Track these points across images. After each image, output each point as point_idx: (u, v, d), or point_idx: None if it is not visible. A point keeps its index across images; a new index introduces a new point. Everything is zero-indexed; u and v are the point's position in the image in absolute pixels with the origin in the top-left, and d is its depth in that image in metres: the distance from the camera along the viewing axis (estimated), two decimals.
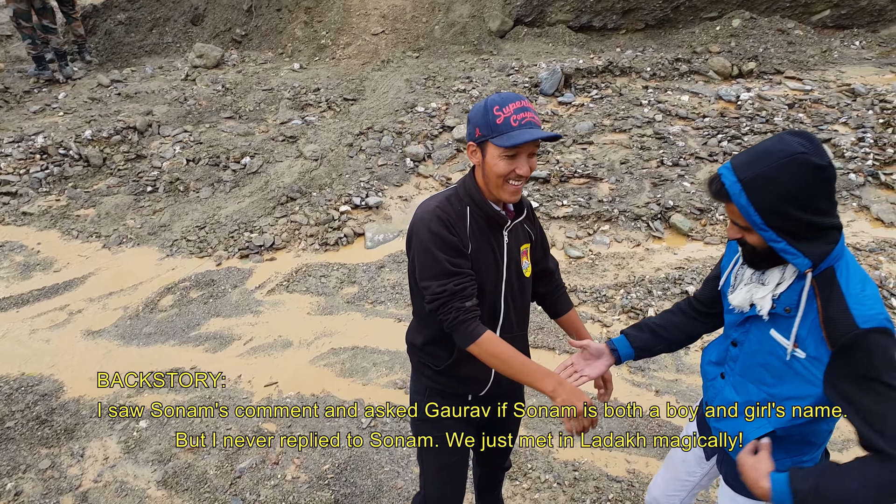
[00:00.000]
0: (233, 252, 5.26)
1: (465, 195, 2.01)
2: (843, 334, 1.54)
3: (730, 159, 1.66)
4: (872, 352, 1.53)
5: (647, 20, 9.44)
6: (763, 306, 1.73)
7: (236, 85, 8.16)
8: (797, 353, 1.67)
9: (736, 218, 1.65)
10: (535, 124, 1.87)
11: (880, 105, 7.06)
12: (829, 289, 1.61)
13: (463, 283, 1.92)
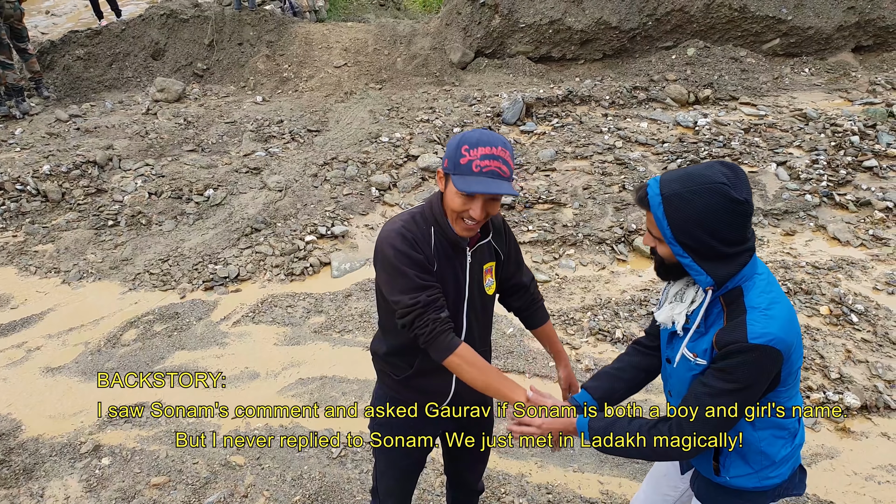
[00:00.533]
0: (197, 284, 5.18)
1: (430, 216, 2.02)
2: (731, 343, 1.65)
3: (662, 173, 1.76)
4: (747, 363, 1.65)
5: (605, 50, 9.70)
6: (678, 321, 1.83)
7: (198, 118, 8.12)
8: (698, 362, 1.78)
9: (651, 227, 1.75)
10: (500, 175, 1.83)
11: (831, 129, 7.33)
12: (735, 305, 1.71)
13: (434, 295, 1.93)
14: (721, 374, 1.68)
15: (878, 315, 4.55)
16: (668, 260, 1.78)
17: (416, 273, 1.91)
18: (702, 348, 1.76)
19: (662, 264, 1.83)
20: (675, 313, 1.84)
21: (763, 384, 1.69)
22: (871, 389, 3.92)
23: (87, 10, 11.77)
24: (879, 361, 4.14)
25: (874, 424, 3.71)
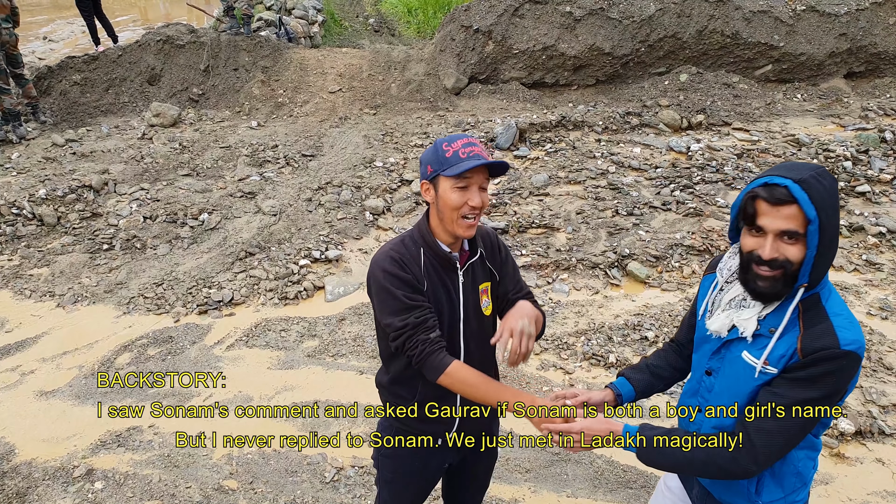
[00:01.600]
0: (191, 308, 5.17)
1: (418, 237, 2.05)
2: (822, 349, 1.60)
3: (762, 175, 1.67)
4: (839, 374, 1.61)
5: (598, 76, 9.81)
6: (748, 327, 1.74)
7: (193, 143, 8.16)
8: (767, 369, 1.69)
9: (790, 222, 1.62)
10: (483, 157, 1.92)
11: (824, 154, 7.40)
12: (815, 312, 1.67)
13: (424, 315, 1.94)
14: (804, 382, 1.62)
15: (871, 340, 4.57)
16: (795, 265, 1.64)
17: (404, 294, 1.94)
18: (777, 355, 1.68)
19: (786, 275, 1.65)
20: (742, 319, 1.75)
21: (845, 393, 1.65)
22: (865, 415, 3.91)
23: (85, 35, 11.87)
24: (874, 387, 4.14)
25: (869, 450, 3.71)
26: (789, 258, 1.64)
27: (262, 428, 3.92)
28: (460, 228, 1.96)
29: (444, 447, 2.23)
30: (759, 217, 1.65)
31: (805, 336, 1.64)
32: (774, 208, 1.62)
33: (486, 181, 1.97)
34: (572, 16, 9.43)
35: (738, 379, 1.78)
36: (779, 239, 1.63)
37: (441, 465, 2.31)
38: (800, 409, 1.63)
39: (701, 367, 1.94)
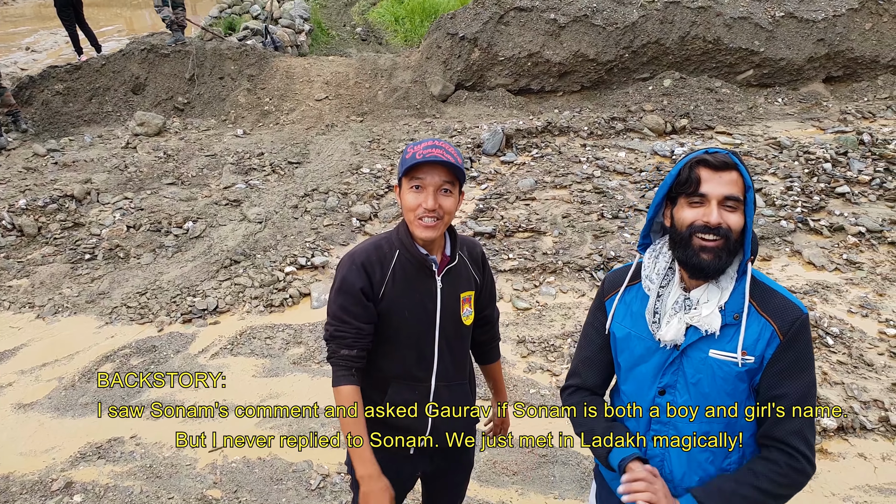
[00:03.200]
0: (175, 317, 5.12)
1: (396, 238, 2.04)
2: (795, 320, 1.63)
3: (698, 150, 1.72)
4: (809, 335, 1.65)
5: (583, 82, 9.86)
6: (713, 322, 1.67)
7: (178, 151, 8.12)
8: (747, 360, 1.66)
9: (733, 187, 1.64)
10: (440, 157, 1.87)
11: (805, 156, 7.47)
12: (760, 289, 1.68)
13: (343, 331, 1.97)
14: (798, 365, 1.64)
15: (852, 337, 4.60)
16: (736, 235, 1.64)
17: (341, 303, 1.98)
18: (750, 341, 1.65)
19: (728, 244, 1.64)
20: (703, 316, 1.67)
21: None
22: (848, 411, 3.94)
23: (68, 45, 11.81)
24: (855, 383, 4.17)
25: (851, 445, 3.73)
26: (731, 226, 1.63)
27: (248, 437, 3.88)
28: (417, 229, 1.94)
29: (416, 454, 2.20)
30: (702, 184, 1.64)
31: (771, 315, 1.65)
32: (717, 174, 1.63)
33: (446, 184, 1.91)
34: (557, 23, 9.48)
35: (713, 381, 1.69)
36: (721, 206, 1.63)
37: (414, 472, 2.27)
38: (809, 390, 1.66)
39: (647, 391, 1.79)
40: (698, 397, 1.72)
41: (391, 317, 2.02)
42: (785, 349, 1.64)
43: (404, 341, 2.05)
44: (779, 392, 1.65)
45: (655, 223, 1.84)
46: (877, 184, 6.79)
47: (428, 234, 1.94)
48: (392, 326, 2.03)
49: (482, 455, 3.61)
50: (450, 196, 1.94)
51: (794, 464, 1.64)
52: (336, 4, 15.56)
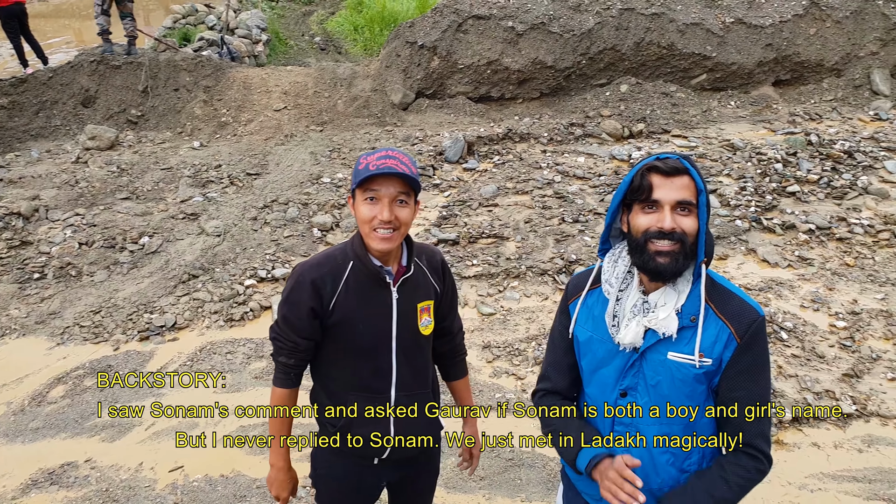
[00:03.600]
0: (132, 335, 4.99)
1: (350, 249, 2.00)
2: (751, 322, 1.65)
3: (650, 156, 1.72)
4: (765, 337, 1.69)
5: (542, 89, 9.95)
6: (670, 325, 1.69)
7: (132, 165, 7.95)
8: (704, 362, 1.68)
9: (685, 192, 1.65)
10: (395, 168, 1.84)
11: (757, 157, 7.66)
12: (717, 290, 1.71)
13: (282, 341, 2.03)
14: (760, 359, 1.68)
15: (805, 331, 4.72)
16: (691, 238, 1.66)
17: (283, 313, 2.01)
18: (707, 343, 1.67)
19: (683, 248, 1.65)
20: (660, 319, 1.69)
21: None
22: (801, 402, 4.04)
23: (13, 58, 11.49)
24: (808, 375, 4.29)
25: (805, 435, 3.84)
26: (685, 230, 1.65)
27: (208, 454, 3.79)
28: (373, 241, 1.91)
29: (380, 464, 2.17)
30: (654, 190, 1.66)
31: (730, 318, 1.68)
32: (669, 179, 1.65)
33: (401, 195, 1.88)
34: (515, 31, 9.56)
35: (671, 383, 1.72)
36: (674, 211, 1.65)
37: (378, 482, 2.24)
38: (766, 390, 1.70)
39: (610, 394, 1.82)
40: (658, 399, 1.74)
41: (344, 329, 1.99)
42: (742, 351, 1.67)
43: (360, 353, 2.02)
44: (738, 394, 1.69)
45: (614, 228, 1.86)
46: (824, 182, 6.99)
47: (384, 246, 1.91)
48: (346, 338, 2.00)
49: (449, 461, 3.58)
50: (406, 207, 1.91)
51: (759, 465, 1.71)
52: (294, 14, 15.49)
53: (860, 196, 6.78)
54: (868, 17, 9.82)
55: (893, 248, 5.86)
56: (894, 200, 6.70)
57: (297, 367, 2.07)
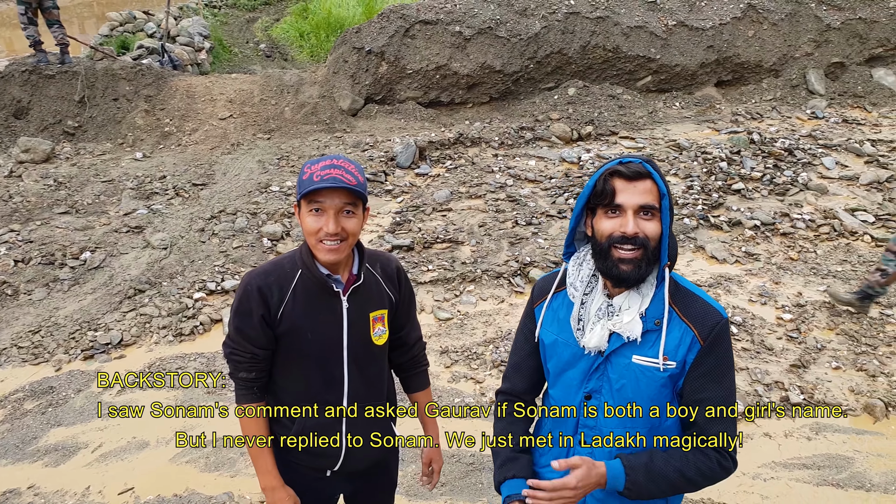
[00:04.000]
0: (75, 354, 4.79)
1: (298, 258, 1.95)
2: (715, 325, 1.66)
3: (614, 160, 1.70)
4: (730, 340, 1.70)
5: (491, 93, 10.00)
6: (634, 329, 1.68)
7: (71, 178, 7.66)
8: (669, 365, 1.68)
9: (647, 196, 1.64)
10: (341, 180, 1.78)
11: (703, 156, 7.85)
12: (680, 294, 1.71)
13: (239, 355, 1.95)
14: (723, 360, 1.68)
15: (754, 325, 4.84)
16: (653, 243, 1.65)
17: (235, 325, 1.94)
18: (671, 346, 1.67)
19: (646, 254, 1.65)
20: (624, 323, 1.69)
21: None
22: (752, 394, 4.13)
23: None
24: (758, 367, 4.39)
25: (757, 426, 3.93)
26: (648, 235, 1.64)
27: (160, 473, 3.65)
28: (320, 253, 1.86)
29: (334, 475, 2.11)
30: (617, 195, 1.65)
31: (693, 321, 1.68)
32: (632, 183, 1.64)
33: (348, 205, 1.83)
34: (462, 35, 9.58)
35: (636, 386, 1.72)
36: (637, 215, 1.64)
37: (333, 493, 2.19)
38: (731, 391, 1.71)
39: (574, 396, 1.82)
40: (623, 401, 1.74)
41: (293, 338, 1.93)
42: (706, 354, 1.67)
43: (310, 363, 1.97)
44: (702, 396, 1.69)
45: (578, 232, 1.85)
46: (767, 179, 7.20)
47: (331, 258, 1.86)
48: (295, 348, 1.95)
49: (409, 469, 3.53)
50: (353, 217, 1.86)
51: (724, 462, 1.71)
52: (237, 21, 15.24)
53: (801, 192, 7.01)
54: (802, 19, 10.19)
55: (834, 242, 6.07)
56: (833, 196, 6.95)
57: (258, 379, 1.99)
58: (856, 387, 4.22)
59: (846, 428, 3.91)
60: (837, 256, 5.81)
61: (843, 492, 3.46)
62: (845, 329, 4.78)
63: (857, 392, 4.18)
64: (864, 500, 3.42)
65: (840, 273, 5.53)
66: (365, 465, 2.14)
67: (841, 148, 8.09)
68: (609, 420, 1.77)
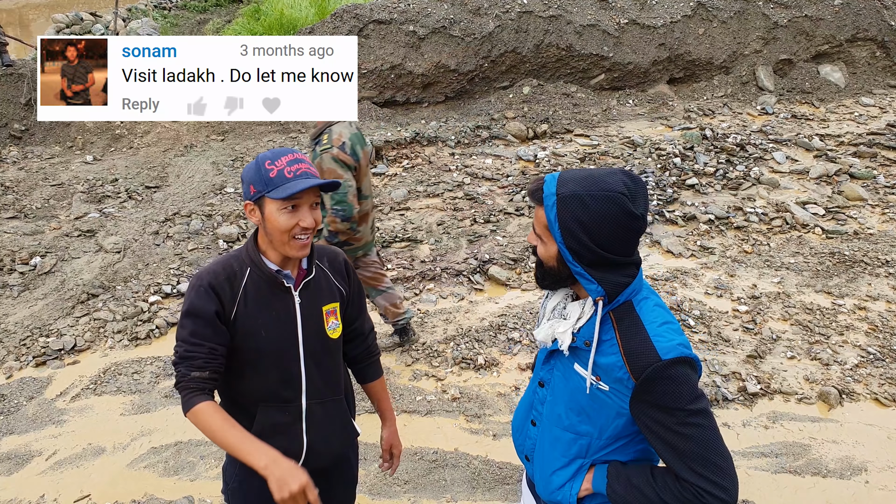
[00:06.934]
0: (26, 361, 4.66)
1: (245, 256, 1.93)
2: (647, 366, 1.55)
3: (563, 171, 1.65)
4: (676, 381, 1.55)
5: (447, 93, 10.04)
6: (563, 340, 1.68)
7: (18, 182, 7.44)
8: (600, 386, 1.65)
9: (538, 225, 1.66)
10: (311, 174, 1.82)
11: (657, 153, 8.00)
12: (629, 321, 1.61)
13: (194, 352, 1.83)
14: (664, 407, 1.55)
15: (711, 317, 4.95)
16: (547, 263, 1.66)
17: (190, 323, 1.86)
18: (605, 367, 1.62)
19: (541, 267, 1.69)
20: (559, 332, 1.69)
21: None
22: (710, 385, 4.23)
23: None
24: (715, 358, 4.49)
25: (716, 416, 3.99)
26: (539, 255, 1.70)
27: (117, 479, 3.58)
28: (293, 250, 1.86)
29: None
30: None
31: (627, 355, 1.59)
32: (535, 209, 1.69)
33: (316, 198, 1.87)
34: (416, 35, 9.60)
35: (572, 391, 1.72)
36: (534, 231, 1.70)
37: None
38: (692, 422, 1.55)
39: (535, 379, 1.89)
40: (559, 401, 1.78)
41: (248, 337, 1.91)
42: (641, 393, 1.58)
43: (266, 362, 1.95)
44: (652, 434, 1.60)
45: None
46: (720, 174, 7.39)
47: (304, 253, 1.87)
48: (250, 347, 1.93)
49: (372, 467, 3.54)
50: (317, 209, 1.89)
51: (701, 499, 1.54)
52: (188, 23, 14.97)
53: (753, 186, 7.21)
54: (750, 17, 10.48)
55: (786, 235, 6.26)
56: (784, 189, 7.17)
57: (211, 380, 1.86)
58: (810, 375, 4.36)
59: (802, 416, 4.03)
60: (790, 249, 5.99)
61: (801, 478, 3.57)
62: (799, 320, 4.94)
63: (811, 381, 4.31)
64: (821, 486, 3.53)
65: (793, 265, 5.71)
66: (327, 461, 2.14)
67: (791, 143, 8.36)
68: (548, 411, 1.81)
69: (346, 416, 2.17)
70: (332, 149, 3.66)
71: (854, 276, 5.52)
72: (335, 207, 3.69)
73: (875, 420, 3.99)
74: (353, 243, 4.01)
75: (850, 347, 4.63)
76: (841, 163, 7.68)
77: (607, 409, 1.67)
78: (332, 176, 3.63)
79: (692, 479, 1.53)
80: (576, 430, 1.73)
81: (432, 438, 3.83)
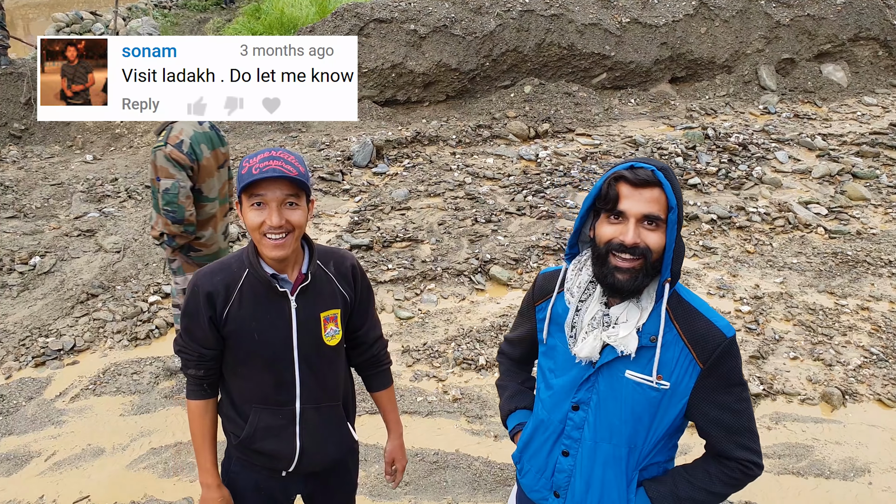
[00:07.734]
0: (25, 361, 4.64)
1: (245, 257, 1.92)
2: (716, 347, 1.59)
3: (624, 163, 1.61)
4: (737, 356, 1.63)
5: (448, 92, 10.01)
6: (629, 344, 1.61)
7: (18, 182, 7.43)
8: (662, 385, 1.62)
9: (653, 206, 1.56)
10: (281, 171, 1.74)
11: (658, 152, 7.98)
12: (682, 309, 1.63)
13: (187, 352, 1.96)
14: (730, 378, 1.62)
15: None
16: (657, 253, 1.57)
17: (185, 325, 1.95)
18: (665, 364, 1.61)
19: (647, 262, 1.58)
20: (620, 336, 1.62)
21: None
22: None
23: None
24: None
25: None
26: (650, 245, 1.57)
27: (117, 480, 3.57)
28: (266, 249, 1.82)
29: (288, 477, 2.09)
30: (621, 201, 1.57)
31: (693, 342, 1.61)
32: (637, 191, 1.56)
33: (290, 197, 1.79)
34: (417, 34, 9.58)
35: (627, 402, 1.66)
36: (640, 224, 1.57)
37: (289, 494, 2.16)
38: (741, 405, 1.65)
39: (563, 404, 1.76)
40: (610, 416, 1.69)
41: (240, 339, 1.91)
42: (707, 376, 1.62)
43: (259, 364, 1.94)
44: (711, 417, 1.65)
45: (583, 233, 1.77)
46: (723, 174, 7.36)
47: (278, 253, 1.81)
48: (243, 349, 1.92)
49: (373, 469, 3.52)
50: (296, 209, 1.81)
51: (747, 471, 1.68)
52: (188, 22, 14.97)
53: (756, 186, 7.19)
54: (752, 16, 10.45)
55: (789, 235, 6.24)
56: (787, 189, 7.15)
57: (208, 377, 2.00)
58: (813, 376, 4.34)
59: (805, 417, 4.01)
60: (793, 249, 5.97)
61: (804, 480, 3.55)
62: (802, 320, 4.92)
63: (814, 381, 4.29)
64: (824, 487, 3.51)
65: (795, 265, 5.68)
66: (321, 466, 2.11)
67: (793, 142, 8.33)
68: (593, 433, 1.73)
69: (343, 422, 2.12)
70: (167, 146, 3.58)
71: (857, 276, 5.50)
72: (165, 208, 3.60)
73: (878, 421, 3.97)
74: (200, 249, 3.90)
75: (853, 348, 4.61)
76: (844, 162, 7.66)
77: (662, 409, 1.66)
78: (163, 174, 3.59)
79: (740, 454, 1.65)
80: (632, 442, 1.69)
81: (433, 439, 3.82)
